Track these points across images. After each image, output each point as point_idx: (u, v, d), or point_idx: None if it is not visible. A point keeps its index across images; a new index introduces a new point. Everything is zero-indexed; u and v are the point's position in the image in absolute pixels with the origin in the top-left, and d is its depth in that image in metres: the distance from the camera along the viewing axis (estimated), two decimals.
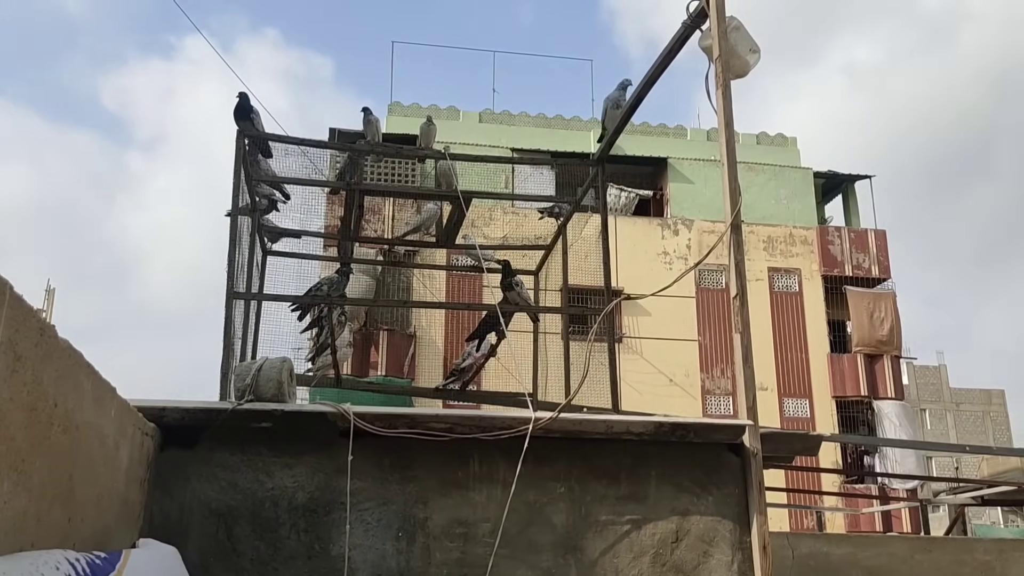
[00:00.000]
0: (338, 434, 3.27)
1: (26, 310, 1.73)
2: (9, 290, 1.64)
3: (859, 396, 19.57)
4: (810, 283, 20.30)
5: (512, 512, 3.34)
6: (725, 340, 18.90)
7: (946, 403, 46.41)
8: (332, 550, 3.16)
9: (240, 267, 5.46)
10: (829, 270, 20.38)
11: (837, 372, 19.76)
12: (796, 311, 20.05)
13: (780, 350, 19.53)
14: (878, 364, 19.86)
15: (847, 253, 20.51)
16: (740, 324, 3.77)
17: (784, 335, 19.73)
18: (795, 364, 19.63)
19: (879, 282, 20.72)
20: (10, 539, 1.66)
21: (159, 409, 3.06)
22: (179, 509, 3.09)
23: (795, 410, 19.24)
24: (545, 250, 7.65)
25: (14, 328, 1.66)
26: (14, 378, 1.67)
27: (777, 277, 20.22)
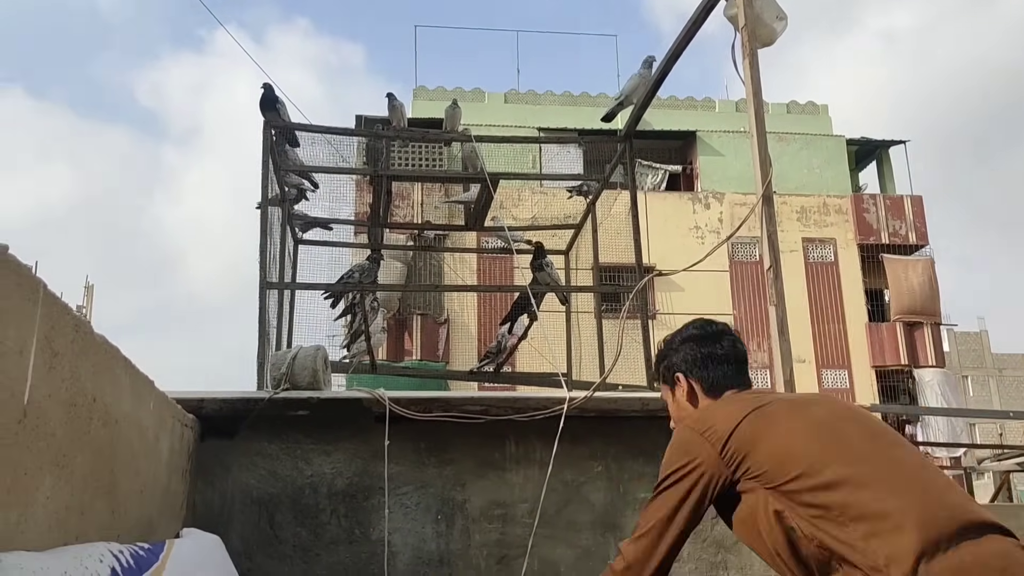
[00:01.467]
0: (374, 419, 3.29)
1: (60, 307, 1.75)
2: (43, 288, 1.66)
3: (899, 365, 19.32)
4: (846, 252, 20.03)
5: (550, 492, 3.34)
6: (760, 313, 18.75)
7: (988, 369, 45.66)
8: (372, 534, 3.19)
9: (272, 257, 5.49)
10: (865, 238, 20.08)
11: (876, 341, 19.52)
12: (832, 281, 19.81)
13: (817, 321, 19.33)
14: (918, 332, 19.58)
15: (883, 220, 20.20)
16: (775, 296, 3.72)
17: (821, 306, 19.52)
18: (833, 335, 19.42)
19: (916, 249, 20.39)
20: (54, 534, 1.69)
21: (197, 400, 3.10)
22: (221, 498, 3.14)
23: (834, 381, 19.06)
24: (575, 229, 7.61)
25: (49, 325, 1.68)
26: (51, 374, 1.70)
27: (812, 247, 19.97)
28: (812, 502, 1.59)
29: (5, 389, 1.50)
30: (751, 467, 1.67)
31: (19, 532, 1.56)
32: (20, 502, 1.56)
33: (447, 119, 7.26)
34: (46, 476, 1.68)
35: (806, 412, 1.76)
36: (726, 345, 2.01)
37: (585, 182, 7.17)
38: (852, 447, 1.66)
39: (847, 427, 1.73)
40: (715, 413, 1.82)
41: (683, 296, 18.53)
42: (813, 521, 1.58)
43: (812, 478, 1.60)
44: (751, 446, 1.69)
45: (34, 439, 1.61)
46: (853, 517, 1.53)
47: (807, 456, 1.64)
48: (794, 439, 1.67)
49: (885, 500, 1.54)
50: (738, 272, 19.41)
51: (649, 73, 5.72)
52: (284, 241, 6.23)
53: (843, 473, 1.59)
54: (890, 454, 1.67)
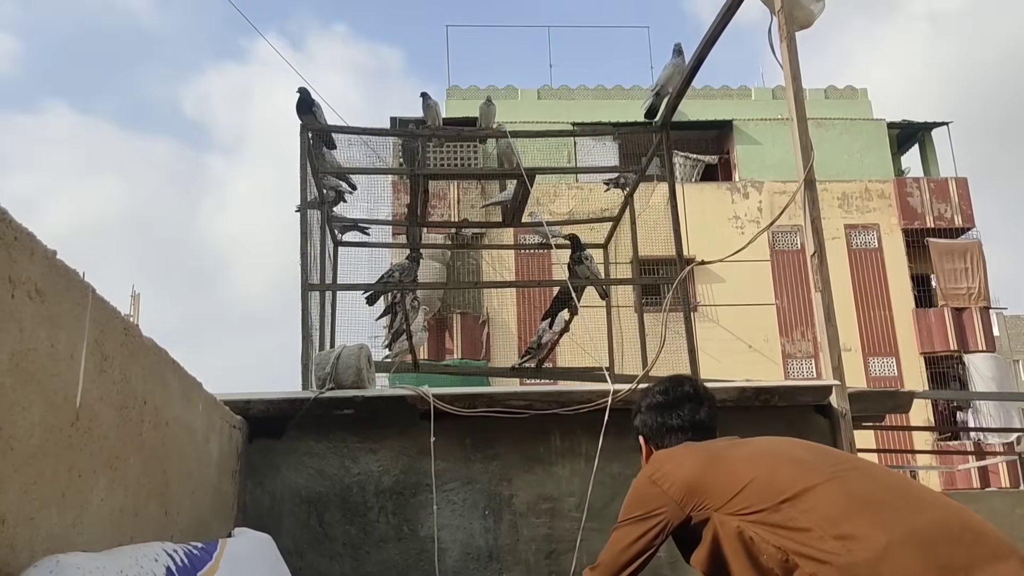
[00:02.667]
0: (419, 417, 3.29)
1: (110, 311, 1.78)
2: (92, 293, 1.68)
3: (948, 351, 18.94)
4: (890, 237, 19.67)
5: (597, 485, 3.32)
6: (804, 302, 18.50)
7: None
8: (421, 531, 3.20)
9: (313, 259, 5.54)
10: (909, 223, 19.70)
11: (924, 327, 19.15)
12: (877, 267, 19.47)
13: (862, 308, 19.02)
14: (966, 316, 19.17)
15: (927, 204, 19.80)
16: (820, 282, 3.66)
17: (866, 293, 19.20)
18: (879, 322, 19.10)
19: (963, 232, 19.96)
20: (109, 535, 1.71)
21: (245, 402, 3.13)
22: (270, 498, 3.16)
23: (881, 369, 18.74)
24: (613, 222, 7.57)
25: (99, 329, 1.70)
26: (102, 378, 1.72)
27: (855, 234, 19.65)
28: (761, 507, 1.71)
29: (58, 392, 1.52)
30: (704, 501, 1.81)
31: (76, 533, 1.58)
32: (75, 504, 1.59)
33: (482, 116, 7.26)
34: (100, 478, 1.70)
35: (749, 445, 1.93)
36: (684, 414, 2.15)
37: (622, 174, 7.13)
38: (801, 462, 1.79)
39: (794, 450, 1.88)
40: (668, 461, 1.97)
41: (724, 287, 18.37)
42: (769, 528, 1.69)
43: (763, 492, 1.73)
44: (700, 484, 1.83)
45: (87, 441, 1.64)
46: (802, 510, 1.67)
47: (750, 473, 1.78)
48: (739, 467, 1.82)
49: (836, 502, 1.66)
50: (780, 261, 19.16)
51: (681, 60, 5.66)
52: (324, 243, 6.29)
53: (794, 485, 1.71)
54: (841, 466, 1.78)
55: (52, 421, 1.50)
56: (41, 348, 1.46)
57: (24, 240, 1.41)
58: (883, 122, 20.86)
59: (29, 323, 1.42)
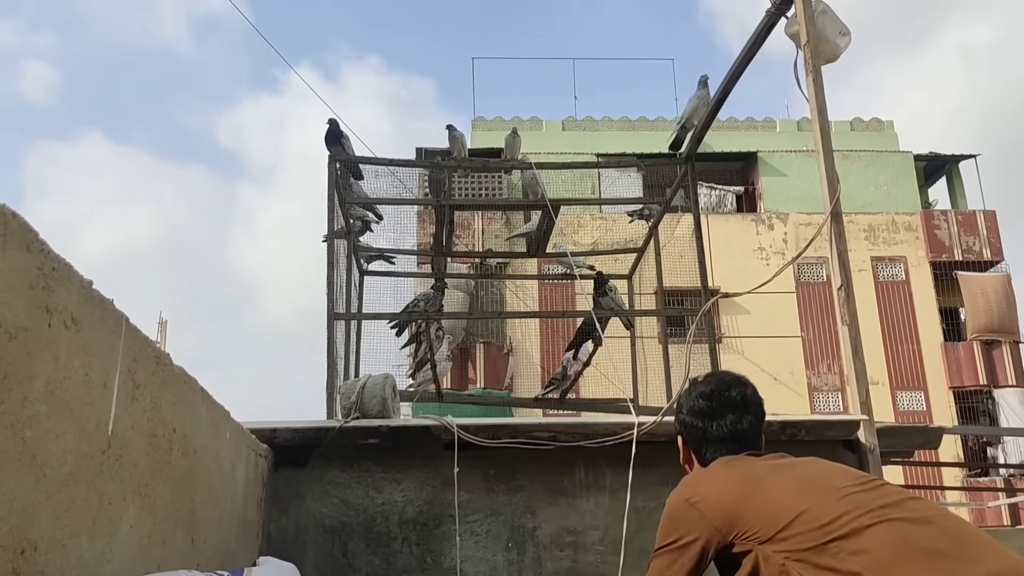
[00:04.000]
0: (443, 447, 3.29)
1: (142, 340, 1.80)
2: (125, 322, 1.71)
3: (977, 385, 18.65)
4: (917, 270, 19.48)
5: (622, 518, 3.30)
6: (830, 334, 18.33)
7: None
8: (444, 562, 3.18)
9: (339, 289, 5.59)
10: (937, 255, 19.52)
11: (952, 361, 18.88)
12: (904, 300, 19.28)
13: (890, 342, 18.81)
14: (996, 351, 18.90)
15: (955, 237, 19.62)
16: (847, 316, 3.63)
17: (893, 326, 18.99)
18: (907, 355, 18.86)
19: (992, 265, 19.74)
20: (138, 562, 1.73)
21: (271, 430, 3.15)
22: (295, 527, 3.17)
23: (910, 403, 18.48)
24: (637, 253, 7.57)
25: (132, 358, 1.73)
26: (134, 406, 1.74)
27: (881, 266, 19.49)
28: (808, 545, 1.63)
29: (91, 420, 1.55)
30: (747, 531, 1.73)
31: (105, 561, 1.60)
32: (105, 531, 1.60)
33: (507, 147, 7.32)
34: (130, 506, 1.72)
35: (794, 470, 1.84)
36: (726, 425, 2.04)
37: (646, 205, 7.15)
38: (851, 497, 1.70)
39: (842, 480, 1.79)
40: (707, 482, 1.90)
41: (749, 319, 18.25)
42: (815, 569, 1.61)
43: (810, 528, 1.65)
44: (742, 512, 1.75)
45: (118, 469, 1.66)
46: (851, 552, 1.59)
47: (797, 506, 1.70)
48: (786, 497, 1.73)
49: (889, 547, 1.59)
50: (805, 293, 19.03)
51: (706, 92, 5.69)
52: (350, 273, 6.34)
53: (845, 524, 1.64)
54: (894, 504, 1.71)
55: (84, 448, 1.52)
56: (75, 376, 1.49)
57: (61, 270, 1.44)
58: (910, 154, 20.76)
59: (64, 352, 1.44)
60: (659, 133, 20.44)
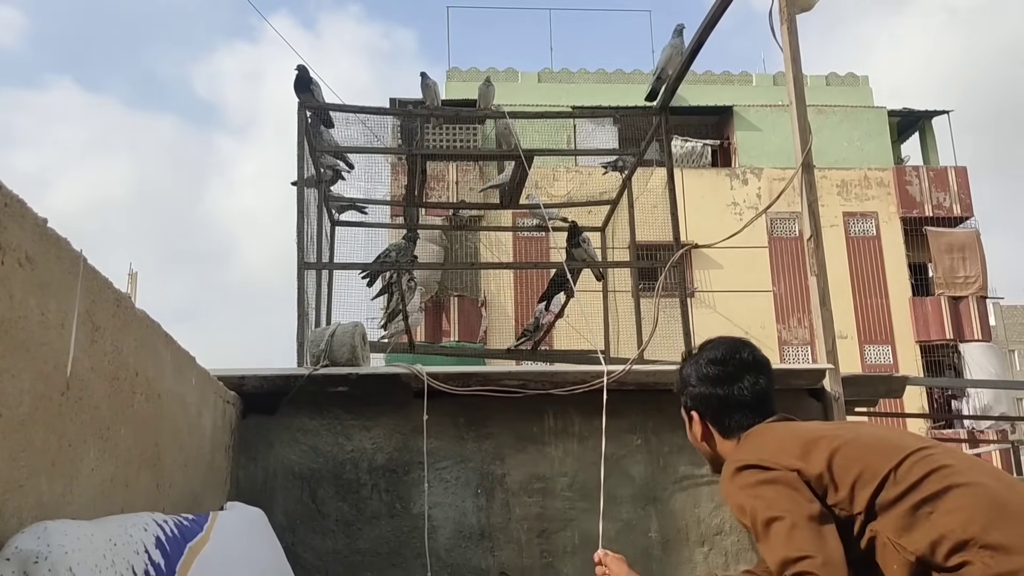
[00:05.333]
0: (412, 395, 3.30)
1: (101, 281, 1.77)
2: (82, 262, 1.67)
3: (944, 339, 18.99)
4: (888, 226, 19.67)
5: (589, 465, 3.33)
6: (800, 289, 18.52)
7: None
8: (413, 509, 3.21)
9: (309, 238, 5.54)
10: (908, 211, 19.71)
11: (920, 316, 19.19)
12: (874, 255, 19.49)
13: (859, 297, 19.05)
14: (963, 306, 19.21)
15: (926, 193, 19.80)
16: (815, 266, 3.66)
17: (863, 281, 19.22)
18: (875, 310, 19.13)
19: (961, 221, 19.97)
20: (100, 504, 1.71)
21: (239, 378, 3.13)
22: (264, 473, 3.17)
23: (877, 357, 18.79)
24: (610, 205, 7.56)
25: (90, 299, 1.70)
26: (94, 348, 1.72)
27: (853, 222, 19.65)
28: (899, 507, 1.54)
29: (48, 361, 1.52)
30: (828, 498, 1.62)
31: (65, 503, 1.58)
32: (65, 473, 1.59)
33: (480, 97, 7.23)
34: (90, 448, 1.70)
35: (855, 430, 1.73)
36: (747, 386, 1.93)
37: (620, 157, 7.12)
38: (933, 457, 1.62)
39: (909, 439, 1.70)
40: (764, 445, 1.75)
41: (721, 273, 18.38)
42: (906, 533, 1.52)
43: (893, 487, 1.56)
44: (821, 476, 1.63)
45: (77, 411, 1.64)
46: (945, 511, 1.50)
47: (879, 468, 1.59)
48: (868, 456, 1.62)
49: (982, 507, 1.50)
50: (777, 248, 19.17)
51: (681, 42, 5.64)
52: (321, 222, 6.28)
53: (933, 482, 1.55)
54: (944, 447, 1.66)
55: (41, 389, 1.49)
56: (31, 316, 1.46)
57: (14, 207, 1.40)
58: (884, 110, 20.82)
59: (19, 291, 1.41)
60: (636, 86, 20.30)
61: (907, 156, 21.87)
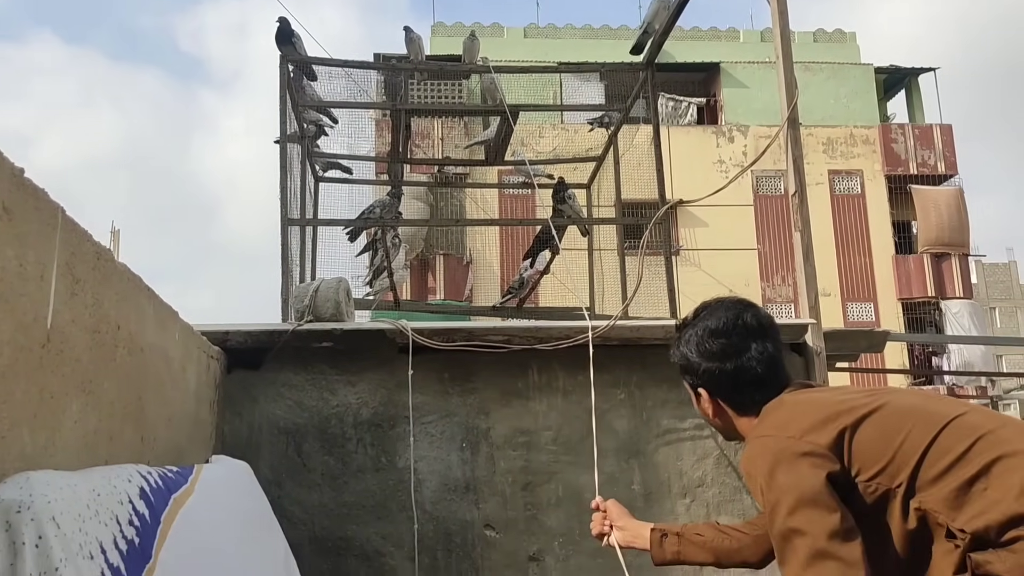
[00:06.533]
0: (397, 351, 3.30)
1: (81, 233, 1.75)
2: (61, 213, 1.65)
3: (926, 297, 19.17)
4: (873, 184, 19.73)
5: (573, 419, 3.36)
6: (785, 247, 18.60)
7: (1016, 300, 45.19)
8: (399, 462, 3.23)
9: (293, 194, 5.49)
10: (893, 169, 19.75)
11: (903, 273, 19.34)
12: (859, 213, 19.56)
13: (843, 254, 19.16)
14: (945, 263, 19.37)
15: (911, 150, 19.83)
16: (800, 222, 3.67)
17: (847, 239, 19.32)
18: (859, 268, 19.26)
19: (945, 179, 20.04)
20: (83, 456, 1.71)
21: (223, 333, 3.12)
22: (248, 428, 3.18)
23: (859, 314, 18.96)
24: (596, 162, 7.53)
25: (70, 251, 1.68)
26: (74, 300, 1.70)
27: (838, 180, 19.69)
28: (946, 481, 1.45)
29: (28, 313, 1.51)
30: (859, 469, 1.52)
31: (48, 455, 1.58)
32: (48, 425, 1.58)
33: (465, 51, 7.14)
34: (73, 401, 1.69)
35: (882, 396, 1.61)
36: (756, 355, 1.75)
37: (606, 113, 7.07)
38: (953, 410, 1.55)
39: (937, 401, 1.62)
40: (798, 424, 1.60)
41: (707, 232, 18.41)
42: (955, 507, 1.43)
43: (943, 461, 1.46)
44: (850, 444, 1.54)
45: (59, 364, 1.63)
46: (996, 485, 1.41)
47: (929, 440, 1.49)
48: (908, 426, 1.52)
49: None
50: (763, 206, 19.21)
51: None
52: (304, 178, 6.22)
53: (964, 443, 1.47)
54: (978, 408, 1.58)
55: (22, 341, 1.48)
56: (9, 267, 1.44)
57: None
58: (871, 67, 20.76)
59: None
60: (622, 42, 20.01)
61: (893, 114, 21.86)
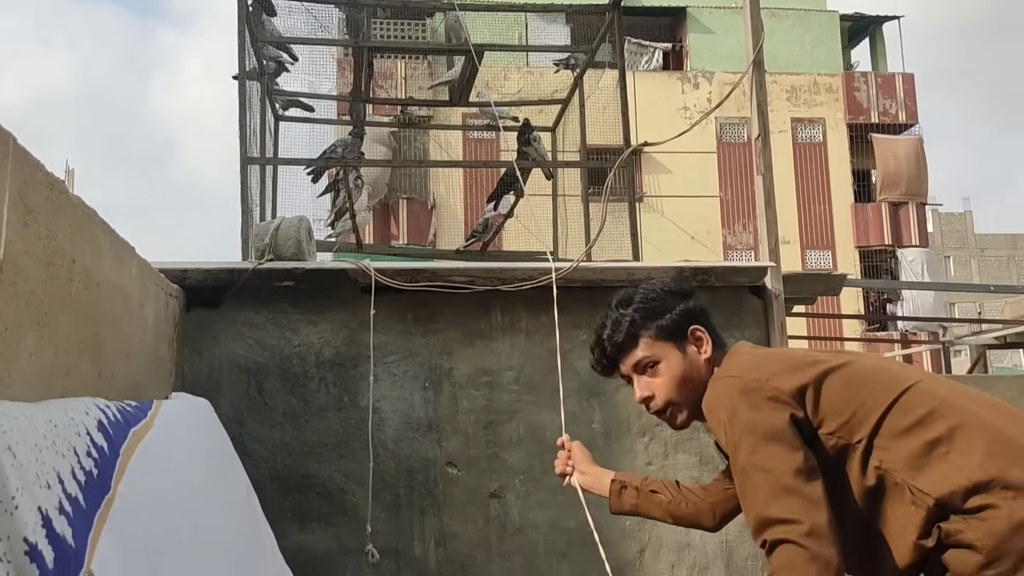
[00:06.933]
0: (360, 291, 3.29)
1: (33, 162, 1.70)
2: (12, 142, 1.60)
3: (883, 245, 19.49)
4: (835, 132, 19.86)
5: (536, 360, 3.39)
6: (747, 195, 18.73)
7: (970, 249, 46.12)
8: (361, 402, 3.24)
9: (252, 132, 5.38)
10: (855, 118, 19.88)
11: (861, 222, 19.61)
12: (820, 162, 19.72)
13: (803, 202, 19.35)
14: (903, 212, 19.67)
15: (873, 99, 19.96)
16: (762, 166, 3.68)
17: (807, 187, 19.49)
18: (818, 216, 19.49)
19: (906, 128, 20.24)
20: (39, 389, 1.69)
21: (181, 271, 3.08)
22: (209, 367, 3.16)
23: (817, 261, 19.24)
24: (562, 105, 7.46)
25: (22, 180, 1.64)
26: (27, 231, 1.66)
27: (801, 128, 19.78)
28: (907, 442, 1.48)
29: None
30: (822, 420, 1.55)
31: (3, 387, 1.56)
32: (2, 357, 1.56)
33: None
34: (28, 333, 1.67)
35: (851, 356, 1.66)
36: (694, 302, 1.83)
37: (572, 55, 6.99)
38: (914, 376, 1.59)
39: (899, 367, 1.66)
40: (765, 368, 1.62)
41: (670, 178, 18.45)
42: (916, 471, 1.46)
43: (902, 421, 1.50)
44: (817, 394, 1.56)
45: (12, 295, 1.59)
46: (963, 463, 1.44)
47: (893, 400, 1.52)
48: (866, 380, 1.57)
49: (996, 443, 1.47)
50: (726, 153, 19.27)
51: None
52: (264, 117, 6.10)
53: (927, 405, 1.51)
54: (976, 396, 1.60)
55: None
56: None
57: None
58: (835, 14, 20.74)
59: None
60: None
61: (856, 62, 21.93)
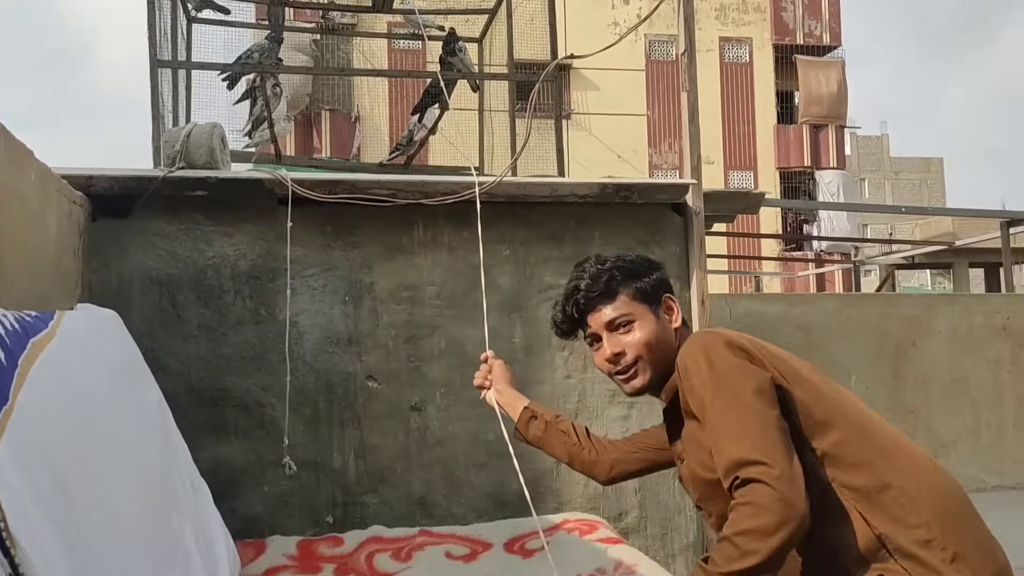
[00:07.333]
0: (277, 202, 3.19)
1: None
2: None
3: (802, 167, 19.90)
4: (761, 52, 19.96)
5: (458, 275, 3.37)
6: (674, 115, 18.79)
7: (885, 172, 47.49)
8: (278, 315, 3.18)
9: (163, 34, 5.11)
10: (781, 39, 19.99)
11: (782, 143, 19.94)
12: (745, 82, 19.85)
13: (728, 123, 19.53)
14: (822, 134, 20.05)
15: (799, 20, 20.08)
16: (687, 82, 3.67)
17: (732, 107, 19.65)
18: (742, 136, 19.72)
19: (830, 50, 20.47)
20: None
21: (86, 177, 2.93)
22: (118, 279, 3.05)
23: (740, 182, 19.57)
24: (489, 14, 7.28)
25: None
26: None
27: (728, 47, 19.82)
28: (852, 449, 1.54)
29: None
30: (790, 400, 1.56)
31: None
32: None
33: None
34: None
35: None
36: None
37: None
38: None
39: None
40: (725, 332, 1.67)
41: (599, 96, 18.36)
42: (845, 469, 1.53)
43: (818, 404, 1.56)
44: (784, 373, 1.58)
45: None
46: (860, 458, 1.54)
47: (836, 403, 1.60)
48: (832, 388, 1.63)
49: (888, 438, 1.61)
50: (654, 71, 19.22)
51: None
52: (176, 18, 5.79)
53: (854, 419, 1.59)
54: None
55: None
56: None
57: None
58: None
59: None
60: None
61: None
